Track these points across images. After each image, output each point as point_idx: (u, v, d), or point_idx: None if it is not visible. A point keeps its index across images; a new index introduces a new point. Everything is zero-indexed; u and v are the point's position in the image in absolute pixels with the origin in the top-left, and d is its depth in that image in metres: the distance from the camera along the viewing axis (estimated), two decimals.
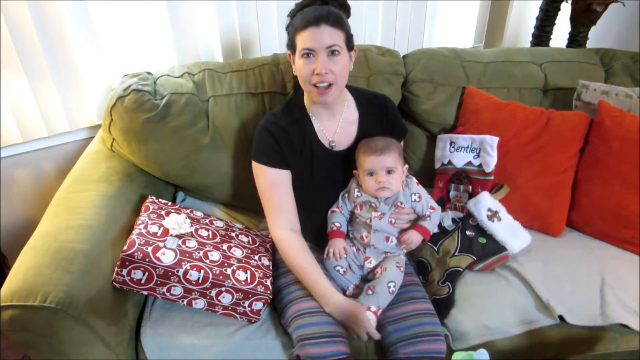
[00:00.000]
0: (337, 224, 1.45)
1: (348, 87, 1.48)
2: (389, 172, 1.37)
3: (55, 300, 1.08)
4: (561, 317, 1.39)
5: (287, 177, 1.44)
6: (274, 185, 1.42)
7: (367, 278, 1.43)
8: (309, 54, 1.30)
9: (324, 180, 1.48)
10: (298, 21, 1.32)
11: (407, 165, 1.45)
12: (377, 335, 1.27)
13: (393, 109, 1.56)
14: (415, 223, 1.44)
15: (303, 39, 1.30)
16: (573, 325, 1.39)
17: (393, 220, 1.40)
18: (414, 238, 1.41)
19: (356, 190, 1.43)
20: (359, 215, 1.43)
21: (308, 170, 1.47)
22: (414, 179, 1.45)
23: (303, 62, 1.32)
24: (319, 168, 1.47)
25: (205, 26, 1.82)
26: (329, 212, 1.47)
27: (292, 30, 1.34)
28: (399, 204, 1.39)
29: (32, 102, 1.64)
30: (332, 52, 1.30)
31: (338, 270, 1.41)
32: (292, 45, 1.37)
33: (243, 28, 1.88)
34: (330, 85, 1.32)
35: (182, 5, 1.74)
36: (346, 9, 1.38)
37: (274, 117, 1.45)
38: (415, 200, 1.41)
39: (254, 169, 1.45)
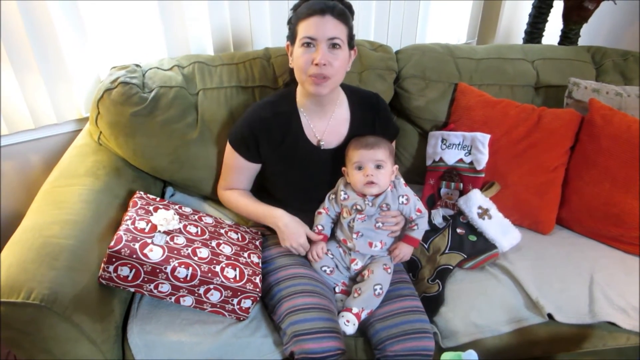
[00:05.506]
0: (320, 227, 1.43)
1: (342, 85, 1.45)
2: (378, 166, 1.36)
3: (39, 297, 1.06)
4: (550, 316, 1.39)
5: (253, 168, 1.51)
6: (238, 169, 1.51)
7: (356, 280, 1.42)
8: (309, 43, 1.29)
9: (311, 178, 1.47)
10: (302, 10, 1.31)
11: (397, 166, 1.43)
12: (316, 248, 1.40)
13: (385, 109, 1.55)
14: (403, 233, 1.43)
15: (305, 28, 1.28)
16: (562, 324, 1.39)
17: (380, 225, 1.38)
18: (405, 251, 1.42)
19: (342, 192, 1.41)
20: (343, 219, 1.41)
21: (294, 168, 1.46)
22: (402, 180, 1.43)
23: (302, 51, 1.30)
24: (306, 166, 1.46)
25: (196, 18, 1.79)
26: (316, 213, 1.46)
27: (295, 19, 1.33)
28: (384, 205, 1.38)
29: (18, 94, 1.60)
30: (334, 45, 1.29)
31: (325, 271, 1.41)
32: (292, 35, 1.35)
33: (235, 21, 1.85)
34: (326, 77, 1.30)
35: None
36: (351, 11, 1.37)
37: (259, 108, 1.44)
38: (402, 202, 1.39)
39: (227, 146, 1.49)
